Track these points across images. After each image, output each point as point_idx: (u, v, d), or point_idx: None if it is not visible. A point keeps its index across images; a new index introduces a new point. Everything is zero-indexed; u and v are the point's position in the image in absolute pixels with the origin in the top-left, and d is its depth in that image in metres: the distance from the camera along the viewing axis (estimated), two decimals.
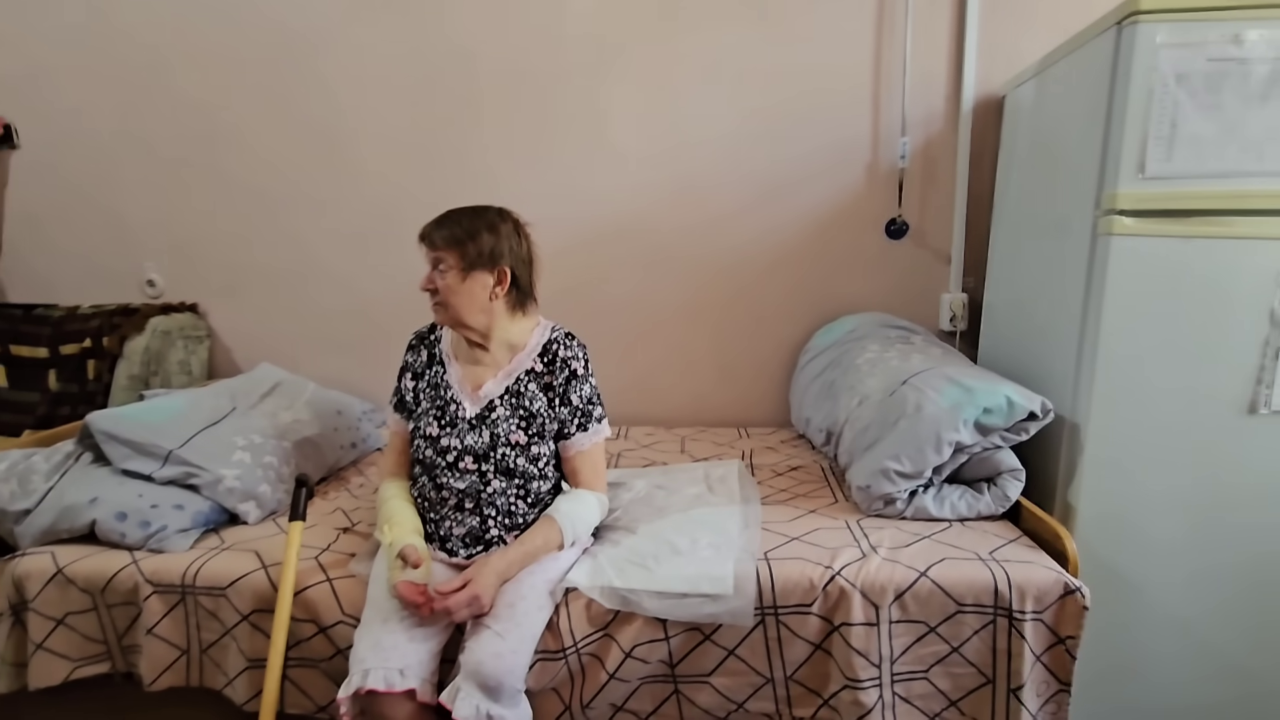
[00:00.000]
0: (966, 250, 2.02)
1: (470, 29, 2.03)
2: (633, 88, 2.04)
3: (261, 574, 1.30)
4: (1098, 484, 1.40)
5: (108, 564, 1.33)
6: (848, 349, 1.85)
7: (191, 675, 1.34)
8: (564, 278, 2.07)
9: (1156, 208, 1.32)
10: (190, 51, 2.11)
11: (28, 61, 2.15)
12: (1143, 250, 1.33)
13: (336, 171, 2.15)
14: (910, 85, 1.95)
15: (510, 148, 2.09)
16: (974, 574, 1.21)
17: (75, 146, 2.20)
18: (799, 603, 1.22)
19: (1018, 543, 1.31)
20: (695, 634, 1.24)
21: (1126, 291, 1.34)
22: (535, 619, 1.20)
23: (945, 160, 2.00)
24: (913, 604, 1.20)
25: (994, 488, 1.41)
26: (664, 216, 2.11)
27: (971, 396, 1.41)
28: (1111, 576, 1.41)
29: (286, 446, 1.64)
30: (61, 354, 2.07)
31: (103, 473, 1.47)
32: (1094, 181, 1.38)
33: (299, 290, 2.24)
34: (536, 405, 1.30)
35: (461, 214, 1.31)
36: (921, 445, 1.39)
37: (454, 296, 1.27)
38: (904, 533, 1.35)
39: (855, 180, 2.04)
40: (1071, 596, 1.19)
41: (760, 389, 2.19)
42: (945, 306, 2.05)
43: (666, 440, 2.03)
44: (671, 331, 2.18)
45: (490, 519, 1.29)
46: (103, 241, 2.26)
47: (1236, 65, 1.26)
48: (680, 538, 1.35)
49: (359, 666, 1.13)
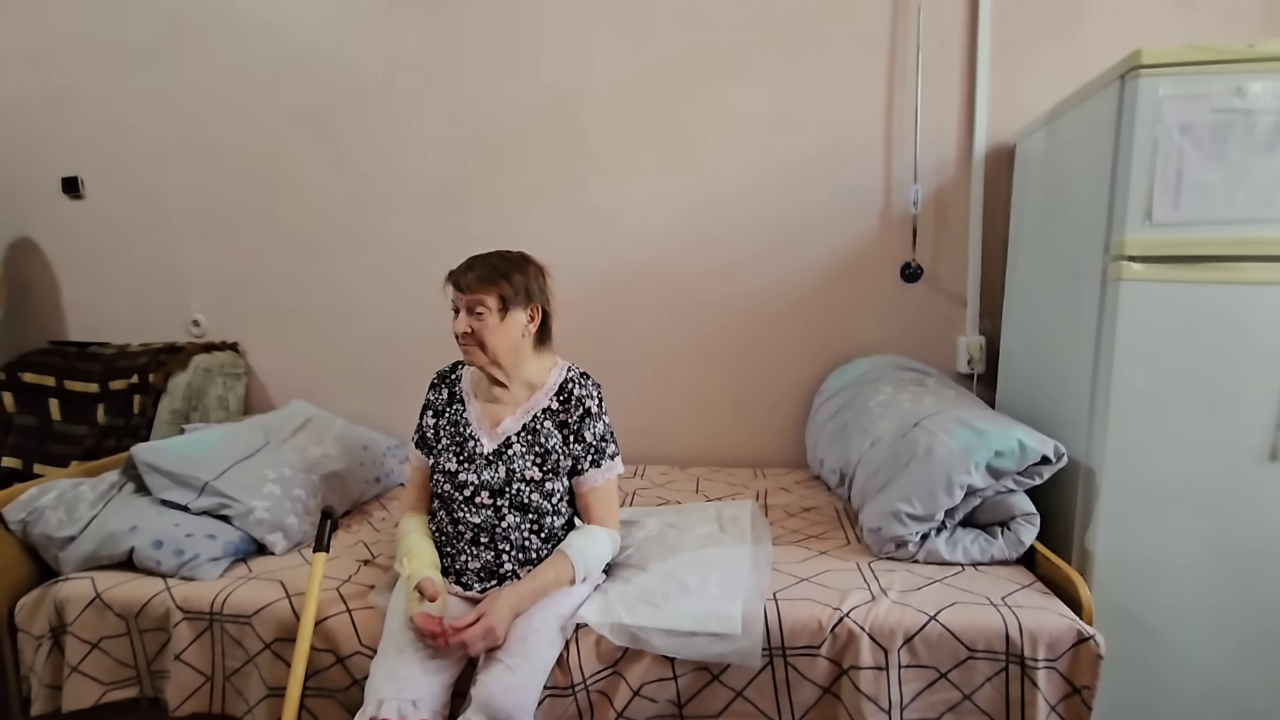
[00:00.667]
0: (982, 293, 2.04)
1: (500, 82, 2.15)
2: (654, 137, 2.13)
3: (285, 603, 1.35)
4: (1114, 530, 1.38)
5: (142, 590, 1.39)
6: (861, 391, 1.87)
7: (215, 702, 1.38)
8: (585, 321, 2.15)
9: (1165, 254, 1.33)
10: (241, 106, 2.26)
11: (99, 119, 2.34)
12: (1153, 295, 1.34)
13: (371, 217, 2.27)
14: (922, 134, 2.01)
15: (535, 196, 2.19)
16: (985, 619, 1.20)
17: (133, 196, 2.36)
18: (807, 644, 1.22)
19: (1031, 588, 1.29)
20: (704, 674, 1.24)
21: (1138, 336, 1.35)
22: (546, 654, 1.22)
23: (958, 206, 2.03)
24: (922, 648, 1.19)
25: (1008, 532, 1.40)
26: (683, 262, 2.17)
27: (983, 439, 1.41)
28: (1130, 624, 1.38)
29: (314, 480, 1.70)
30: (111, 389, 2.19)
31: (143, 502, 1.55)
32: (1103, 228, 1.40)
33: (332, 331, 2.34)
34: (552, 443, 1.35)
35: (490, 257, 1.37)
36: (933, 487, 1.39)
37: (492, 336, 1.32)
38: (915, 576, 1.35)
39: (869, 226, 2.09)
40: (1086, 644, 1.17)
41: (776, 430, 2.20)
42: (962, 349, 2.05)
43: (681, 480, 2.05)
44: (689, 373, 2.22)
45: (505, 553, 1.33)
46: (154, 284, 2.40)
47: (1241, 116, 1.29)
48: (690, 576, 1.36)
49: (374, 696, 1.15)
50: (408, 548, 1.36)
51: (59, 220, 2.42)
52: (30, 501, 1.48)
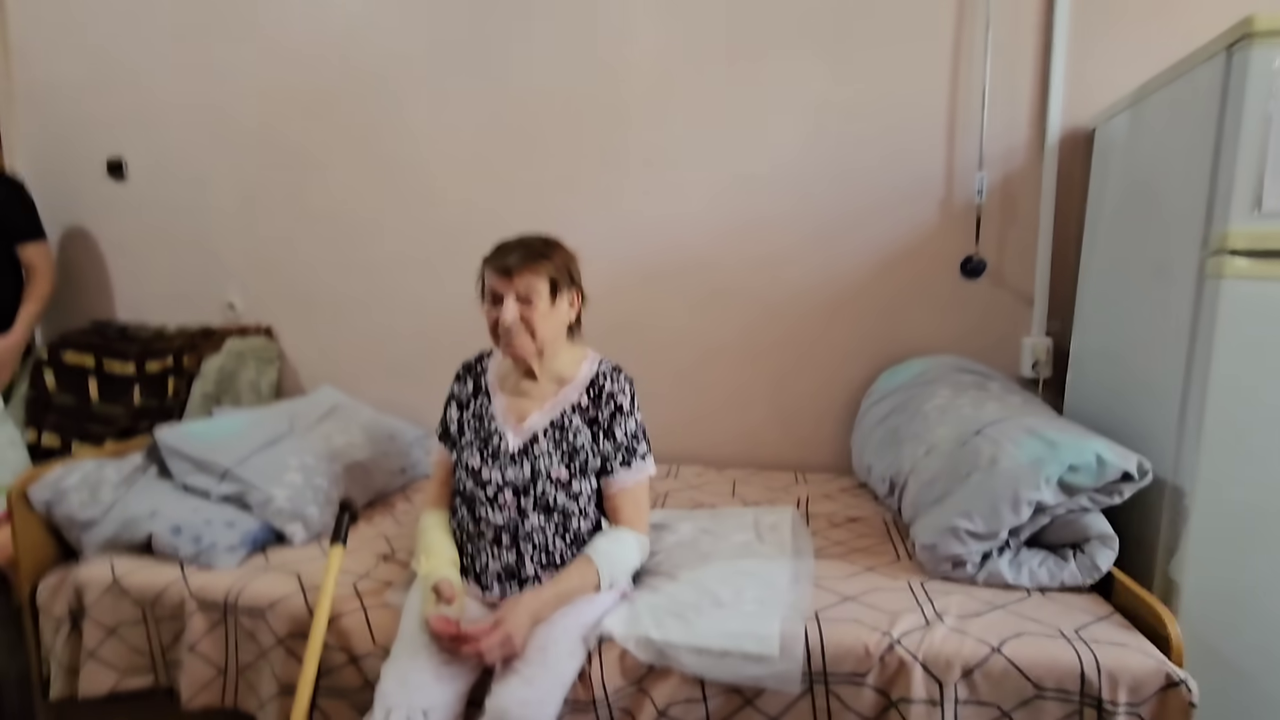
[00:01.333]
0: (1051, 292, 1.87)
1: (537, 65, 2.08)
2: (696, 121, 2.02)
3: (300, 598, 1.30)
4: (1207, 558, 1.23)
5: (159, 577, 1.36)
6: (915, 393, 1.73)
7: (227, 696, 1.34)
8: (621, 312, 2.06)
9: (1276, 247, 1.17)
10: (281, 87, 2.24)
11: (141, 101, 2.35)
12: (1260, 294, 1.18)
13: (408, 202, 2.22)
14: (989, 117, 1.85)
15: (573, 182, 2.11)
16: (1057, 653, 1.07)
17: (174, 179, 2.37)
18: (852, 671, 1.10)
19: (1109, 620, 1.15)
20: (736, 697, 1.14)
21: (1240, 340, 1.19)
22: (566, 666, 1.14)
23: (1027, 196, 1.87)
24: (983, 683, 1.07)
25: (1081, 555, 1.26)
26: (725, 251, 2.06)
27: (1055, 452, 1.27)
28: (1222, 666, 1.22)
29: (337, 470, 1.66)
30: (146, 371, 2.20)
31: (165, 486, 1.52)
32: (1201, 220, 1.25)
33: (365, 317, 2.30)
34: (580, 440, 1.26)
35: (529, 239, 1.27)
36: (996, 503, 1.26)
37: (544, 322, 1.24)
38: (975, 600, 1.22)
39: (928, 216, 1.94)
40: (1175, 690, 1.02)
41: (820, 432, 2.08)
42: (1027, 351, 1.89)
43: (717, 481, 1.94)
44: (728, 368, 2.11)
45: (527, 555, 1.25)
46: (192, 266, 2.41)
47: None
48: (724, 589, 1.26)
49: (383, 702, 1.09)
50: (426, 545, 1.29)
51: (104, 202, 2.45)
52: (55, 482, 1.47)
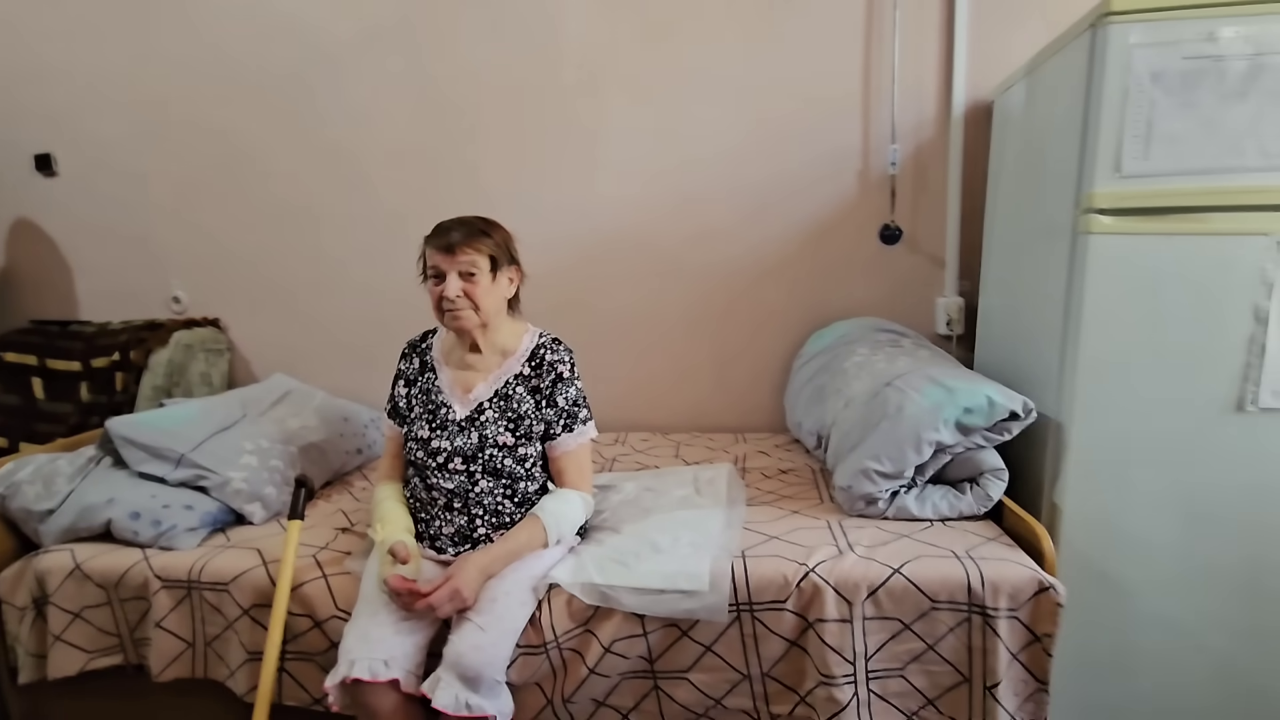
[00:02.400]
0: (961, 254, 2.02)
1: (473, 51, 2.12)
2: (629, 103, 2.10)
3: (262, 570, 1.37)
4: (1082, 484, 1.39)
5: (121, 561, 1.41)
6: (838, 353, 1.87)
7: (197, 667, 1.40)
8: (565, 291, 2.14)
9: (1135, 206, 1.32)
10: (216, 78, 2.23)
11: (68, 92, 2.30)
12: (1122, 249, 1.33)
13: (350, 189, 2.25)
14: (899, 93, 1.98)
15: (514, 164, 2.17)
16: (948, 571, 1.21)
17: (108, 173, 2.34)
18: (773, 599, 1.23)
19: (996, 541, 1.31)
20: (673, 630, 1.26)
21: (1106, 290, 1.34)
22: (517, 614, 1.24)
23: (937, 166, 2.01)
24: (886, 600, 1.21)
25: (976, 488, 1.41)
26: (663, 229, 2.15)
27: (953, 396, 1.42)
28: (1097, 577, 1.39)
29: (293, 451, 1.71)
30: (93, 367, 2.19)
31: (120, 475, 1.56)
32: (1074, 182, 1.39)
33: (314, 305, 2.33)
34: (524, 408, 1.35)
35: (468, 218, 1.35)
36: (902, 445, 1.40)
37: (485, 296, 1.31)
38: (884, 532, 1.36)
39: (848, 188, 2.07)
40: (1046, 594, 1.18)
41: (758, 395, 2.21)
42: (941, 311, 2.05)
43: (662, 446, 2.06)
44: (670, 340, 2.21)
45: (478, 518, 1.34)
46: (132, 262, 2.39)
47: (1212, 63, 1.26)
48: (663, 536, 1.38)
49: (346, 657, 1.18)
50: (382, 515, 1.37)
51: (34, 199, 2.40)
52: (7, 476, 1.50)
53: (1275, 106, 1.25)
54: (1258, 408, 1.32)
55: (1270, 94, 1.24)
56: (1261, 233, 1.28)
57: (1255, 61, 1.24)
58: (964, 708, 1.23)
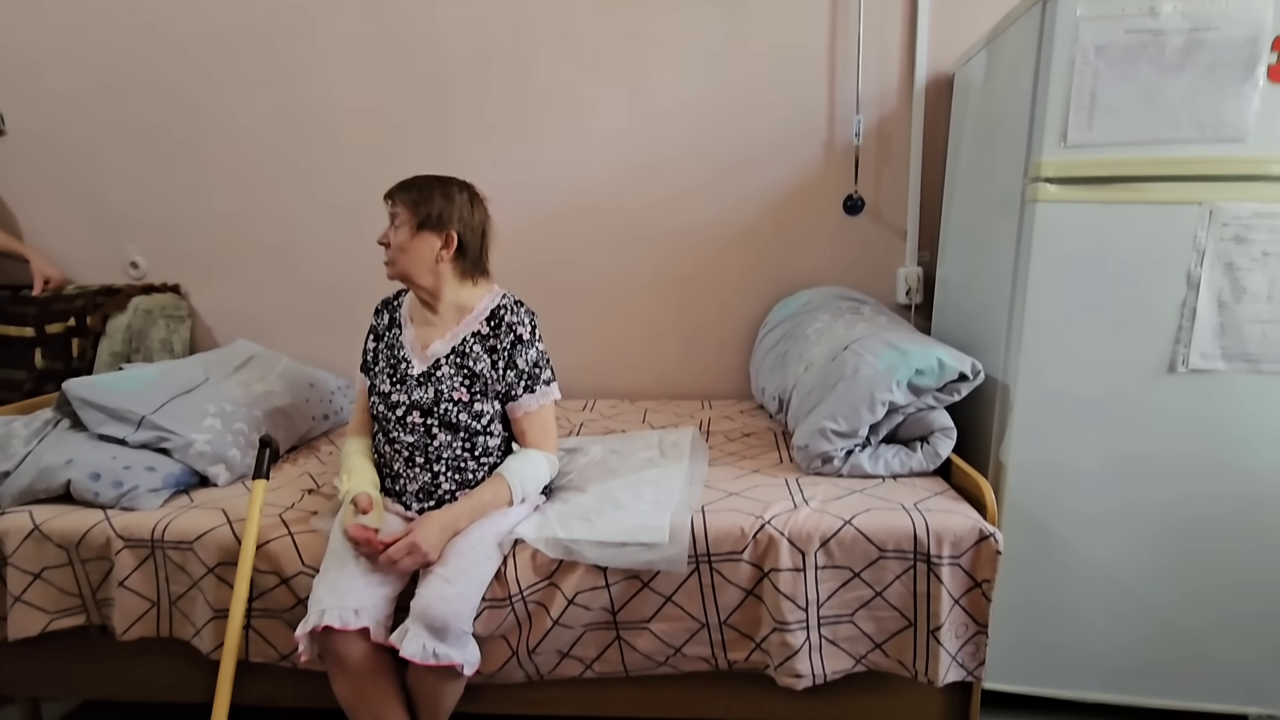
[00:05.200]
0: (921, 225, 2.08)
1: (441, 11, 2.09)
2: (597, 68, 2.10)
3: (227, 529, 1.37)
4: (1025, 441, 1.46)
5: (82, 521, 1.40)
6: (801, 320, 1.91)
7: (161, 626, 1.41)
8: (532, 255, 2.15)
9: (1079, 175, 1.37)
10: (173, 34, 2.16)
11: (14, 47, 2.21)
12: (1066, 216, 1.39)
13: (315, 152, 2.21)
14: (864, 64, 2.01)
15: (480, 128, 2.15)
16: (896, 522, 1.28)
17: (61, 132, 2.27)
18: (730, 550, 1.28)
19: (943, 495, 1.37)
20: (634, 582, 1.30)
21: (1050, 256, 1.40)
22: (483, 568, 1.27)
23: (899, 137, 2.05)
24: (837, 550, 1.27)
25: (926, 446, 1.48)
26: (630, 195, 2.17)
27: (905, 359, 1.47)
28: (1038, 528, 1.47)
29: (257, 415, 1.71)
30: (47, 333, 2.14)
31: (79, 437, 1.54)
32: (1024, 152, 1.44)
33: (279, 270, 2.30)
34: (480, 366, 1.37)
35: (424, 179, 1.40)
36: (856, 405, 1.45)
37: (402, 254, 1.36)
38: (838, 488, 1.42)
39: (813, 157, 2.10)
40: (986, 542, 1.25)
41: (724, 362, 2.25)
42: (901, 280, 2.11)
43: (629, 411, 2.09)
44: (637, 307, 2.24)
45: (440, 474, 1.36)
46: (88, 224, 2.33)
47: (1152, 37, 1.31)
48: (626, 494, 1.42)
49: (316, 606, 1.20)
50: (348, 468, 1.39)
51: None
52: None
53: (1209, 81, 1.30)
54: (1188, 369, 1.39)
55: (1205, 68, 1.30)
56: (1195, 202, 1.34)
57: (1192, 37, 1.29)
58: (909, 650, 1.30)
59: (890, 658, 1.31)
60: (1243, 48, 1.29)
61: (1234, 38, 1.29)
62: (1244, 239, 1.34)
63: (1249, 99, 1.30)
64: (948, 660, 1.28)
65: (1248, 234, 1.34)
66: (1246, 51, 1.29)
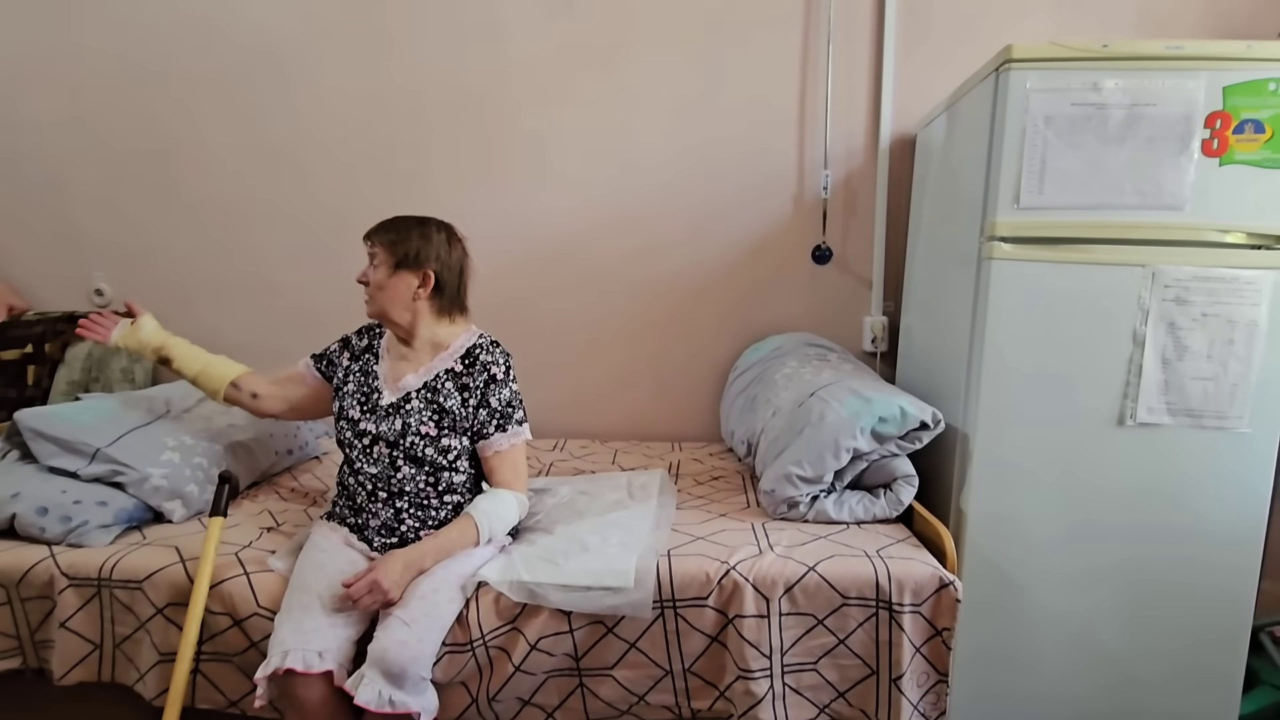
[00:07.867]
0: (886, 276, 2.15)
1: (421, 56, 2.14)
2: (575, 117, 2.16)
3: (179, 568, 1.33)
4: (984, 490, 1.50)
5: (25, 558, 1.35)
6: (770, 365, 1.95)
7: (104, 670, 1.35)
8: (507, 296, 2.17)
9: (1031, 235, 1.45)
10: (148, 65, 2.18)
11: None
12: (1019, 274, 1.45)
13: (289, 187, 2.23)
14: (832, 122, 2.10)
15: (457, 170, 2.19)
16: (858, 569, 1.29)
17: (30, 156, 2.25)
18: (695, 596, 1.28)
19: (905, 542, 1.39)
20: (599, 627, 1.29)
21: (1006, 311, 1.46)
22: (445, 611, 1.25)
23: (865, 192, 2.14)
24: (801, 596, 1.28)
25: (889, 493, 1.50)
26: (605, 241, 2.21)
27: (870, 406, 1.51)
28: (997, 576, 1.50)
29: (218, 449, 1.67)
30: (2, 359, 2.09)
31: (28, 469, 1.49)
32: (980, 211, 1.51)
33: (247, 302, 2.29)
34: (450, 403, 1.37)
35: (403, 219, 1.43)
36: (822, 451, 1.48)
37: (380, 292, 1.39)
38: (803, 534, 1.43)
39: (783, 209, 2.17)
40: (946, 590, 1.27)
41: (694, 405, 2.27)
42: (867, 328, 2.17)
43: (600, 452, 2.10)
44: (610, 350, 2.26)
45: (404, 510, 1.35)
46: (51, 253, 2.30)
47: (1096, 110, 1.41)
48: (593, 537, 1.41)
49: (279, 648, 1.16)
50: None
51: None
52: None
53: (1148, 152, 1.39)
54: (1135, 422, 1.45)
55: (1144, 140, 1.39)
56: (1139, 264, 1.42)
57: (1132, 111, 1.39)
58: (871, 699, 1.30)
59: (853, 707, 1.31)
60: (1178, 123, 1.38)
61: (1170, 114, 1.38)
62: (1184, 300, 1.42)
63: (1185, 170, 1.39)
64: (910, 709, 1.28)
65: (1188, 295, 1.42)
66: (1181, 127, 1.38)
